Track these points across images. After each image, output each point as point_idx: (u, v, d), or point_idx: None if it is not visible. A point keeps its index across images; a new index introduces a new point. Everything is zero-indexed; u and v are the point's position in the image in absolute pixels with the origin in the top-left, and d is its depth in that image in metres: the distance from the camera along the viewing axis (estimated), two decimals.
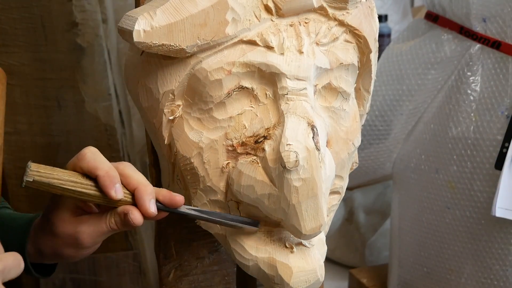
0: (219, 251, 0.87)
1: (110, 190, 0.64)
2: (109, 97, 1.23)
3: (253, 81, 0.69)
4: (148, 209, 0.65)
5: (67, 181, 0.64)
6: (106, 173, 0.64)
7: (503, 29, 1.08)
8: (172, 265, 0.85)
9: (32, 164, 0.62)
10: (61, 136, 1.24)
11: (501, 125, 1.07)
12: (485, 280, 1.12)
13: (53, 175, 0.63)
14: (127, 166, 0.67)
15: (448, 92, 1.15)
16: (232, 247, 0.72)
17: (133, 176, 0.66)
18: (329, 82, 0.73)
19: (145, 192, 0.65)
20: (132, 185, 0.66)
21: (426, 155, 1.18)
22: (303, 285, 0.70)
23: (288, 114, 0.67)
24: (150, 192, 0.65)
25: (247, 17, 0.68)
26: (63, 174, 0.64)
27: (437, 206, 1.16)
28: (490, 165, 1.08)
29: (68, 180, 0.64)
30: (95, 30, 1.19)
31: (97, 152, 0.65)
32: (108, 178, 0.64)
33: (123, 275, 1.29)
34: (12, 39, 1.18)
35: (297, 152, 0.64)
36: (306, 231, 0.67)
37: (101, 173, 0.64)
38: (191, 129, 0.70)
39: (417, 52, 1.19)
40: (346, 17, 0.72)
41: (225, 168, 0.70)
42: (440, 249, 1.17)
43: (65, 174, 0.64)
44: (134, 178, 0.66)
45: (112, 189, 0.64)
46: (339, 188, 0.78)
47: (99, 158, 0.65)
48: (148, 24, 0.64)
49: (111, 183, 0.64)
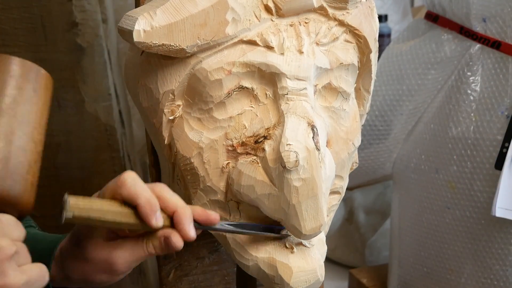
0: (219, 251, 0.87)
1: (151, 219, 0.62)
2: (109, 97, 1.23)
3: (253, 81, 0.69)
4: (188, 234, 0.63)
5: (106, 212, 0.61)
6: (147, 201, 0.62)
7: (503, 29, 1.08)
8: (172, 265, 0.85)
9: (70, 198, 0.59)
10: (61, 136, 1.23)
11: (501, 125, 1.07)
12: (485, 280, 1.12)
13: (92, 208, 0.60)
14: (164, 188, 0.65)
15: (448, 92, 1.15)
16: (232, 247, 0.72)
17: (171, 200, 0.64)
18: (329, 82, 0.73)
19: (184, 216, 0.64)
20: (170, 208, 0.64)
21: (426, 155, 1.18)
22: (303, 285, 0.70)
23: (288, 114, 0.67)
24: (189, 215, 0.64)
25: (247, 17, 0.68)
26: (102, 204, 0.61)
27: (437, 206, 1.16)
28: (490, 165, 1.08)
29: (107, 211, 0.61)
30: (95, 30, 1.19)
31: (136, 178, 0.63)
32: (149, 206, 0.62)
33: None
34: (12, 39, 1.18)
35: (297, 152, 0.64)
36: (306, 231, 0.67)
37: (141, 202, 0.62)
38: (191, 129, 0.70)
39: (417, 52, 1.19)
40: (346, 17, 0.72)
41: (225, 168, 0.70)
42: (440, 249, 1.17)
43: (104, 205, 0.62)
44: (172, 201, 0.64)
45: (153, 218, 0.62)
46: (339, 188, 0.78)
47: (139, 184, 0.62)
48: (148, 24, 0.64)
49: (152, 212, 0.62)
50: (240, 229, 0.69)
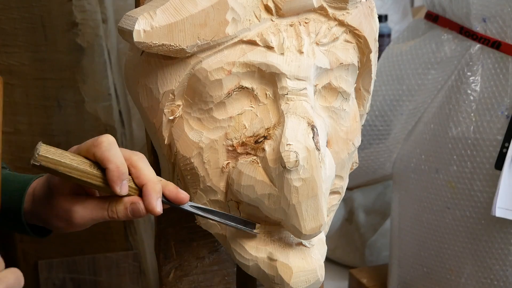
0: (219, 251, 0.87)
1: (116, 186, 0.64)
2: (109, 97, 1.23)
3: (253, 81, 0.69)
4: (154, 208, 0.65)
5: (74, 169, 0.63)
6: (116, 167, 0.64)
7: (503, 29, 1.08)
8: (172, 265, 0.85)
9: (42, 148, 0.61)
10: (61, 136, 1.24)
11: (501, 125, 1.07)
12: (485, 280, 1.12)
13: (60, 163, 0.62)
14: (140, 159, 0.67)
15: (448, 92, 1.15)
16: (232, 247, 0.72)
17: (143, 171, 0.66)
18: (329, 82, 0.73)
19: (153, 189, 0.65)
20: (141, 179, 0.66)
21: (426, 155, 1.18)
22: (303, 285, 0.70)
23: (288, 114, 0.67)
24: (159, 190, 0.66)
25: (247, 17, 0.68)
26: (71, 161, 0.63)
27: (437, 206, 1.16)
28: (490, 165, 1.08)
29: (75, 169, 0.63)
30: (95, 30, 1.19)
31: (113, 143, 0.65)
32: (117, 173, 0.64)
33: (123, 275, 1.29)
34: (12, 39, 1.18)
35: (297, 152, 0.64)
36: (306, 231, 0.67)
37: (111, 167, 0.63)
38: (191, 129, 0.70)
39: (417, 52, 1.19)
40: (346, 17, 0.72)
41: (225, 168, 0.70)
42: (440, 249, 1.17)
43: (74, 162, 0.63)
44: (145, 173, 0.66)
45: (118, 185, 0.64)
46: (339, 188, 0.78)
47: (114, 149, 0.64)
48: (148, 24, 0.64)
49: (119, 179, 0.64)
50: (208, 214, 0.70)
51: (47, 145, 0.62)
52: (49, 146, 0.62)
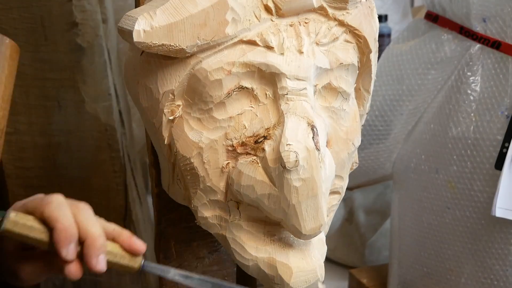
0: (219, 251, 0.87)
1: (62, 249, 0.60)
2: (109, 97, 1.23)
3: (253, 81, 0.69)
4: (93, 266, 0.61)
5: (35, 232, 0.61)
6: (63, 228, 0.59)
7: (503, 29, 1.08)
8: (172, 265, 0.85)
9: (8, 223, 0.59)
10: (61, 136, 1.23)
11: (501, 125, 1.07)
12: (485, 280, 1.12)
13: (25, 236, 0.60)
14: (81, 211, 0.62)
15: (448, 92, 1.15)
16: (232, 247, 0.72)
17: (82, 224, 0.61)
18: (329, 82, 0.73)
19: (92, 246, 0.61)
20: (81, 235, 0.61)
21: (426, 155, 1.18)
22: (303, 285, 0.70)
23: (288, 114, 0.67)
24: (99, 246, 0.61)
25: (247, 17, 0.68)
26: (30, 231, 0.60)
27: (437, 206, 1.16)
28: (490, 165, 1.08)
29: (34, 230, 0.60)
30: (95, 30, 1.19)
31: (63, 203, 0.61)
32: (64, 234, 0.59)
33: (123, 275, 1.29)
34: (12, 39, 1.18)
35: (297, 152, 0.64)
36: (306, 231, 0.67)
37: (58, 227, 0.59)
38: (191, 129, 0.70)
39: (417, 52, 1.19)
40: (346, 17, 0.72)
41: (225, 168, 0.70)
42: (440, 249, 1.17)
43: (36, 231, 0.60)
44: (84, 227, 0.61)
45: (64, 248, 0.60)
46: (339, 188, 0.78)
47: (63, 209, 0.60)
48: (148, 24, 0.64)
49: (66, 241, 0.60)
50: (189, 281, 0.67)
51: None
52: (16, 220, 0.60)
